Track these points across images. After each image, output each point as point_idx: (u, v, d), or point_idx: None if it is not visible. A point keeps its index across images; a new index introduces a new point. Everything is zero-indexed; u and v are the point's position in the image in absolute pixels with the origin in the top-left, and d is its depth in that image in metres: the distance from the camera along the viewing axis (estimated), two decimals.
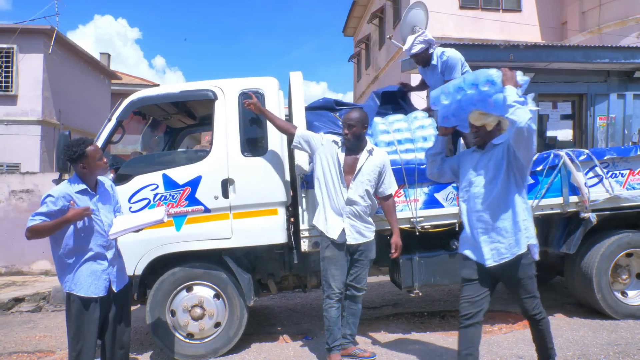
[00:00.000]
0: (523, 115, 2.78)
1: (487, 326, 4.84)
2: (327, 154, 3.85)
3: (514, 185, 3.06)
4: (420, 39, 4.66)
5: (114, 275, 3.25)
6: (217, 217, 4.14)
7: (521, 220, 3.03)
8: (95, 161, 3.14)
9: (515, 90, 2.87)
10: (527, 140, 2.86)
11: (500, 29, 12.76)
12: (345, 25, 21.25)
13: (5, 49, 13.35)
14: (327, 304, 3.81)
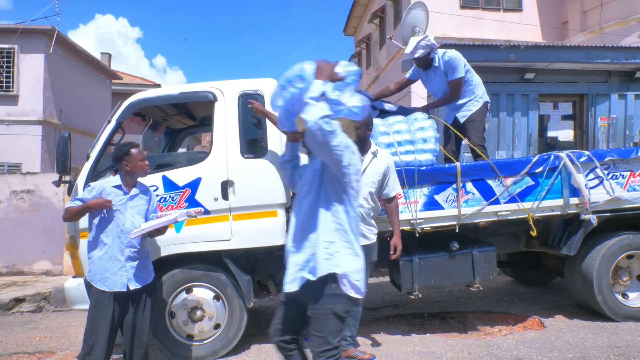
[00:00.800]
0: (313, 113, 2.24)
1: (487, 328, 4.84)
2: None
3: (323, 199, 2.46)
4: (423, 43, 4.68)
5: (131, 274, 3.38)
6: (216, 218, 4.14)
7: (323, 241, 2.40)
8: (137, 161, 3.45)
9: (323, 85, 2.33)
10: (321, 144, 2.29)
11: (501, 29, 12.74)
12: (346, 25, 21.23)
13: (6, 49, 13.36)
14: None
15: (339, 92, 2.40)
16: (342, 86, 2.43)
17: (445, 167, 4.38)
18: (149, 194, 3.62)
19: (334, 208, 2.43)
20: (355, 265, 2.41)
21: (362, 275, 2.44)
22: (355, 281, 2.40)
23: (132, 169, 3.46)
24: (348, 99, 2.42)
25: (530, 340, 4.39)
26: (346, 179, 2.42)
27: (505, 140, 8.46)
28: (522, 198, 4.45)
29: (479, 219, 4.46)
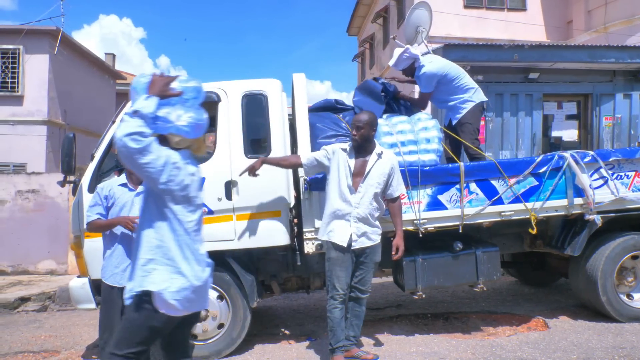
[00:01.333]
0: (121, 130, 2.16)
1: (490, 328, 4.84)
2: (338, 162, 3.86)
3: (147, 216, 2.39)
4: (405, 55, 4.87)
5: None
6: (220, 218, 4.15)
7: (141, 258, 2.33)
8: None
9: (144, 100, 2.24)
10: (128, 161, 2.21)
11: (505, 28, 12.69)
12: (349, 25, 21.22)
13: (11, 50, 13.43)
14: (331, 305, 3.82)
15: (169, 109, 2.31)
16: (178, 102, 2.34)
17: (449, 167, 4.38)
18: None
19: (157, 225, 2.34)
20: (173, 283, 2.30)
21: (186, 294, 2.32)
22: (172, 300, 2.29)
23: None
24: (177, 117, 2.32)
25: (534, 340, 4.38)
26: (167, 196, 2.32)
27: (509, 140, 8.44)
28: (525, 198, 4.44)
29: (482, 219, 4.45)
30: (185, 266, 2.35)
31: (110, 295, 3.43)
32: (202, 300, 2.48)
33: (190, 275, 2.35)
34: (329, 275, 3.83)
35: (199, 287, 2.40)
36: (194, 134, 2.41)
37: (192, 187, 2.41)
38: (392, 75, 5.35)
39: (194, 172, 2.45)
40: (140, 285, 2.31)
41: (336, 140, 4.39)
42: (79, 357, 4.59)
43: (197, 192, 2.48)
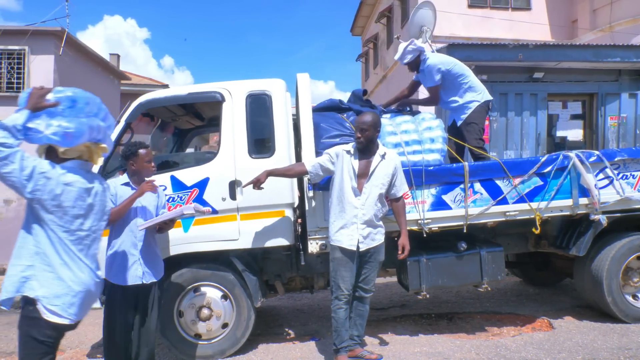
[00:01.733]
0: None
1: (495, 329, 4.82)
2: (342, 165, 3.84)
3: (26, 223, 2.43)
4: (410, 48, 4.82)
5: (146, 267, 3.46)
6: (224, 218, 4.16)
7: (20, 264, 2.38)
8: (143, 162, 3.51)
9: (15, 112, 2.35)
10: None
11: (510, 28, 12.64)
12: (353, 25, 21.19)
13: (17, 51, 13.45)
14: (336, 305, 3.82)
15: (41, 120, 2.38)
16: (58, 113, 2.42)
17: (453, 167, 4.36)
18: (156, 191, 3.67)
19: (34, 232, 2.40)
20: (53, 289, 2.38)
21: (68, 299, 2.40)
22: (52, 306, 2.36)
23: (138, 169, 3.52)
24: (47, 126, 2.38)
25: (538, 341, 4.36)
26: (36, 205, 2.37)
27: (513, 140, 8.42)
28: (530, 198, 4.42)
29: (486, 219, 4.44)
30: (65, 272, 2.43)
31: (115, 294, 3.43)
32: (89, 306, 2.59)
33: (71, 281, 2.43)
34: (334, 275, 3.83)
35: (82, 292, 2.48)
36: (65, 142, 2.46)
37: (66, 197, 2.45)
38: (395, 97, 5.22)
39: (70, 182, 2.48)
40: (18, 290, 2.36)
41: (340, 140, 4.38)
42: (84, 356, 4.61)
43: (77, 201, 2.51)
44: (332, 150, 3.96)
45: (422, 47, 4.87)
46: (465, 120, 4.81)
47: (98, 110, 2.65)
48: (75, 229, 2.50)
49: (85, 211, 2.56)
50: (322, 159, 3.95)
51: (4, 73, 13.46)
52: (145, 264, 3.48)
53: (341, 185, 3.82)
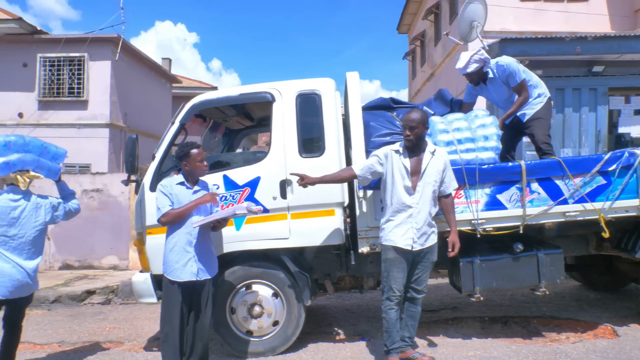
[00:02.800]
0: None
1: (554, 334, 4.62)
2: (392, 165, 3.79)
3: None
4: (476, 57, 4.61)
5: (200, 264, 3.58)
6: (275, 217, 4.20)
7: None
8: (196, 162, 3.63)
9: None
10: None
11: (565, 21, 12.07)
12: (400, 23, 20.92)
13: (77, 58, 14.17)
14: (387, 305, 3.77)
15: None
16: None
17: (509, 165, 4.21)
18: (208, 190, 3.80)
19: None
20: None
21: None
22: None
23: (191, 169, 3.64)
24: None
25: (602, 349, 4.15)
26: None
27: (571, 138, 8.07)
28: (592, 198, 4.21)
29: (545, 220, 4.26)
30: None
31: (171, 289, 3.54)
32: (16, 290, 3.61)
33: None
34: (386, 276, 3.78)
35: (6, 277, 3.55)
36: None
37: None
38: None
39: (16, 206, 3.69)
40: None
41: (390, 139, 4.33)
42: (141, 348, 4.78)
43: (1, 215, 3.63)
44: (380, 152, 3.90)
45: (488, 58, 4.67)
46: (533, 115, 4.64)
47: (21, 148, 3.75)
48: (1, 234, 3.62)
49: (8, 222, 3.62)
50: (371, 161, 3.89)
51: (66, 79, 14.20)
52: (200, 261, 3.57)
53: (393, 185, 3.77)
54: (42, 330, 5.57)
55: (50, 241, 9.29)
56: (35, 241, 3.74)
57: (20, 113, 14.05)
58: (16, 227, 3.63)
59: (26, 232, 3.68)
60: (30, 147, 3.80)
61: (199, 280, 3.56)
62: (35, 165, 3.81)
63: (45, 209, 3.85)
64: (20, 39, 13.93)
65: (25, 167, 3.74)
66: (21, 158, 3.70)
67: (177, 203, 3.58)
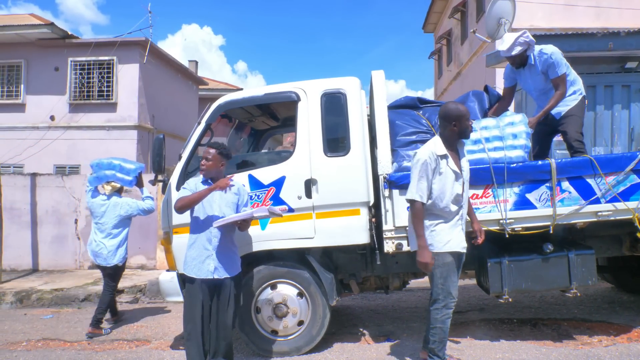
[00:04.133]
0: None
1: (585, 337, 4.50)
2: (439, 167, 3.55)
3: None
4: (521, 39, 4.45)
5: (217, 263, 3.60)
6: (300, 216, 4.20)
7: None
8: (201, 160, 3.77)
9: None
10: None
11: (597, 16, 11.75)
12: (425, 22, 20.74)
13: (106, 61, 14.50)
14: (445, 314, 3.60)
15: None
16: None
17: (539, 164, 4.11)
18: (238, 189, 3.81)
19: None
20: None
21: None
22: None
23: (209, 168, 3.74)
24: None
25: (637, 353, 4.01)
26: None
27: (602, 136, 7.83)
28: (626, 197, 4.07)
29: (576, 220, 4.14)
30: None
31: (192, 288, 3.57)
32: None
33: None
34: (443, 282, 3.58)
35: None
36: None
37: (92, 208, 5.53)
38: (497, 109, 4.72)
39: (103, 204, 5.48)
40: None
41: (417, 137, 4.29)
42: (168, 347, 4.85)
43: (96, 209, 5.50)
44: (423, 156, 3.55)
45: (533, 41, 4.50)
46: (567, 112, 4.50)
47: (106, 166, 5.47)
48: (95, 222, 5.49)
49: (99, 215, 5.46)
50: (422, 183, 3.52)
51: (96, 82, 14.55)
52: (219, 260, 3.60)
53: (443, 188, 3.53)
54: (72, 328, 5.71)
55: (80, 241, 9.52)
56: (114, 227, 5.44)
57: (52, 116, 14.45)
58: (103, 217, 5.43)
59: (107, 221, 5.43)
60: (111, 166, 5.45)
61: (217, 278, 3.59)
62: (113, 178, 5.48)
63: (121, 206, 5.50)
64: (52, 44, 14.33)
65: (108, 180, 5.51)
66: (105, 174, 5.44)
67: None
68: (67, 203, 9.59)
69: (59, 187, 9.67)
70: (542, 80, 4.59)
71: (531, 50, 4.52)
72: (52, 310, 6.77)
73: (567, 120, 4.49)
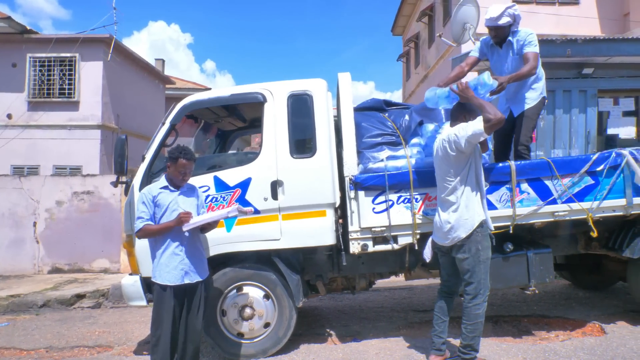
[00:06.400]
0: None
1: (543, 333, 4.66)
2: (471, 148, 3.62)
3: None
4: (510, 11, 4.39)
5: (188, 268, 3.55)
6: (266, 218, 4.19)
7: None
8: (177, 171, 3.59)
9: None
10: None
11: (557, 24, 12.20)
12: (394, 24, 21.02)
13: (68, 58, 14.10)
14: (483, 308, 3.72)
15: None
16: None
17: (499, 166, 4.24)
18: (195, 190, 3.79)
19: None
20: None
21: None
22: None
23: (171, 174, 3.63)
24: None
25: (590, 346, 4.18)
26: None
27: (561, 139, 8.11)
28: (580, 198, 4.24)
29: (534, 220, 4.29)
30: None
31: (162, 294, 3.50)
32: None
33: None
34: (484, 276, 3.69)
35: None
36: None
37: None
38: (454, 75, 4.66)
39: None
40: None
41: (382, 139, 4.34)
42: (131, 352, 4.75)
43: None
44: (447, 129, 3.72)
45: (520, 16, 4.46)
46: (525, 112, 4.54)
47: None
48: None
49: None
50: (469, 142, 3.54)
51: (57, 80, 14.12)
52: (191, 264, 3.55)
53: (478, 170, 3.72)
54: (29, 336, 5.52)
55: (39, 244, 9.22)
56: None
57: (9, 114, 13.95)
58: None
59: None
60: None
61: (190, 283, 3.55)
62: None
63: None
64: (9, 39, 13.83)
65: None
66: None
67: (163, 207, 3.54)
68: (25, 205, 9.26)
69: (16, 189, 9.32)
70: (515, 62, 4.51)
71: (515, 26, 4.47)
72: (7, 318, 6.53)
73: (521, 122, 4.56)
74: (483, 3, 8.82)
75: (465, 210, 3.63)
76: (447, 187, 3.67)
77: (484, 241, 3.69)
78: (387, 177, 4.13)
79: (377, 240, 4.25)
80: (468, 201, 3.64)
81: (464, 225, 3.62)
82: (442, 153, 3.68)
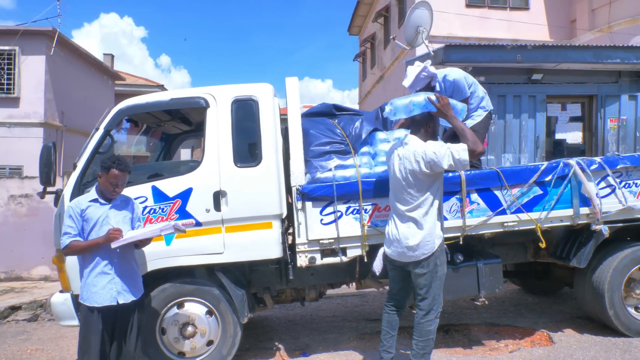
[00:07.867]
0: None
1: (493, 342, 4.64)
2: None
3: None
4: (422, 75, 4.35)
5: (120, 287, 3.27)
6: (208, 231, 3.96)
7: None
8: (108, 182, 3.29)
9: None
10: None
11: (508, 28, 12.47)
12: (351, 24, 20.99)
13: (7, 51, 13.29)
14: (436, 324, 3.67)
15: None
16: None
17: (449, 176, 4.16)
18: (130, 203, 3.50)
19: None
20: None
21: None
22: None
23: (102, 185, 3.33)
24: None
25: (538, 357, 4.18)
26: None
27: (511, 143, 8.23)
28: (529, 208, 4.23)
29: (484, 230, 4.25)
30: None
31: (90, 316, 3.22)
32: None
33: None
34: (439, 292, 3.63)
35: None
36: None
37: None
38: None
39: None
40: None
41: (330, 148, 4.19)
42: None
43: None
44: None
45: (435, 73, 4.45)
46: (472, 127, 4.50)
47: None
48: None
49: None
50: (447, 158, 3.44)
51: None
52: (123, 282, 3.28)
53: (442, 187, 3.67)
54: None
55: None
56: None
57: None
58: None
59: None
60: None
61: (121, 303, 3.27)
62: None
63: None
64: None
65: None
66: None
67: (92, 221, 3.25)
68: None
69: None
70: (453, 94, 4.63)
71: (435, 82, 4.49)
72: None
73: None
74: (437, 7, 8.86)
75: (432, 228, 3.51)
76: (411, 202, 3.50)
77: (442, 256, 3.61)
78: (335, 187, 3.98)
79: (325, 253, 4.10)
80: (433, 219, 3.53)
81: (428, 244, 3.50)
82: (411, 167, 3.48)
